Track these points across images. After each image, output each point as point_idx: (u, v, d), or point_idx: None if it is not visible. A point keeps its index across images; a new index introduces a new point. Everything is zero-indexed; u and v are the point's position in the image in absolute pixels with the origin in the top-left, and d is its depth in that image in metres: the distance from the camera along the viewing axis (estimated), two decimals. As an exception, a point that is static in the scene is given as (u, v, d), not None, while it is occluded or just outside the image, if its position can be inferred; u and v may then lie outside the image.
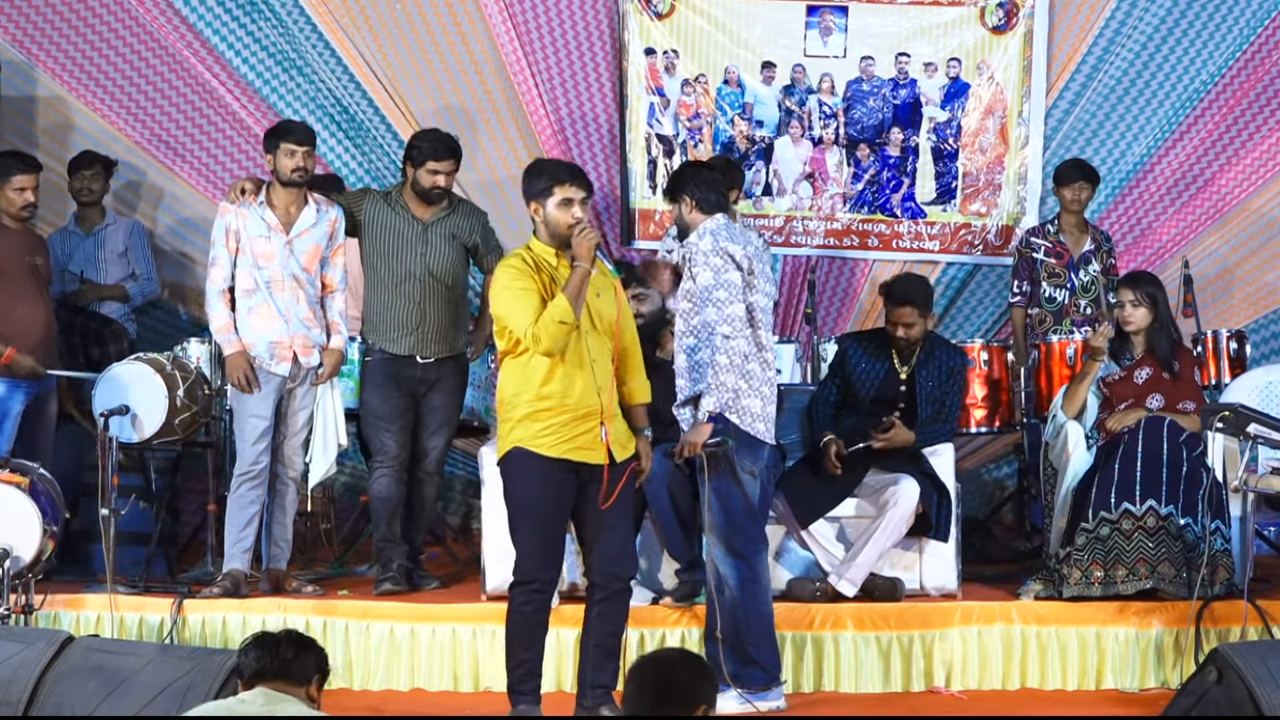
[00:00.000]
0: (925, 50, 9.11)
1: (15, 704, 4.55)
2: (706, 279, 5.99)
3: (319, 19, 8.84)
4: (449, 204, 7.29)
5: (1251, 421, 6.21)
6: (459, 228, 7.26)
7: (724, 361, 5.93)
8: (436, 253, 7.19)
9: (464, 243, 7.27)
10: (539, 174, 5.74)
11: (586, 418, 5.57)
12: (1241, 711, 4.64)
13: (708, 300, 5.97)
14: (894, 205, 9.15)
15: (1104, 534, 6.74)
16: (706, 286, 5.98)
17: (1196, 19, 9.05)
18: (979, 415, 7.87)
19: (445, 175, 7.20)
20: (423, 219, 7.20)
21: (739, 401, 5.97)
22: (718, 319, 5.95)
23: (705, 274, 5.99)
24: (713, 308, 5.96)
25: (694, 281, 6.04)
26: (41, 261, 7.31)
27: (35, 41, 8.72)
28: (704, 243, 6.04)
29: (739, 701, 6.04)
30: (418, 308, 7.14)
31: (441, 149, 7.21)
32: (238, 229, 6.95)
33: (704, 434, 5.93)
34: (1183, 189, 9.17)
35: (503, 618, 5.69)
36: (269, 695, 4.24)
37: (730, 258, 5.99)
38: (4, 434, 7.14)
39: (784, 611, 6.63)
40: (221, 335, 6.97)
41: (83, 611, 6.78)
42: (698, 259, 6.01)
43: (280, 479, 7.07)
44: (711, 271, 5.99)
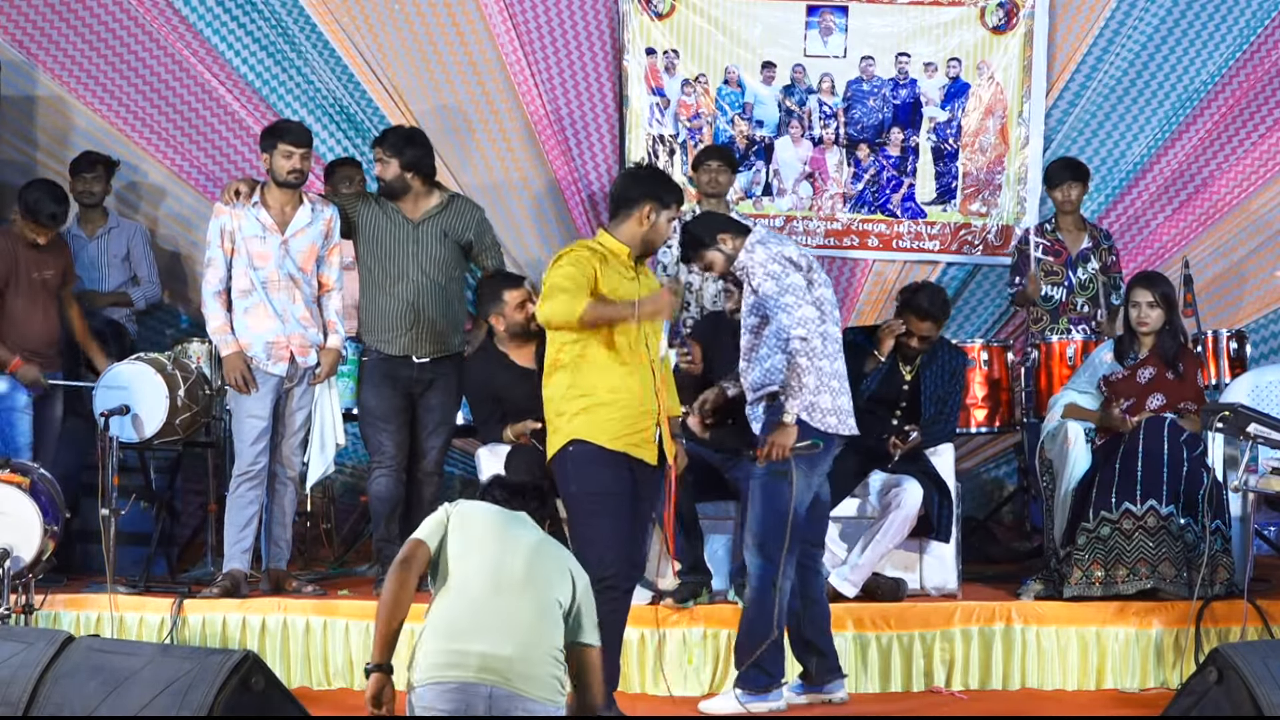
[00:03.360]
0: (925, 50, 9.11)
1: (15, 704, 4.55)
2: (770, 288, 6.01)
3: (318, 18, 8.84)
4: (441, 200, 7.28)
5: (1251, 421, 6.21)
6: (451, 225, 7.24)
7: (804, 364, 5.95)
8: (428, 251, 7.18)
9: (457, 240, 7.26)
10: (671, 185, 5.83)
11: (644, 415, 5.61)
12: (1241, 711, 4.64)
13: (777, 308, 5.98)
14: (894, 205, 9.15)
15: (1104, 534, 6.75)
16: (772, 295, 6.00)
17: (1196, 19, 9.05)
18: (979, 415, 7.88)
19: (380, 164, 7.18)
20: (412, 218, 7.20)
21: (809, 399, 6.01)
22: (790, 323, 5.96)
23: (768, 284, 6.01)
24: (783, 314, 5.98)
25: (756, 294, 6.05)
26: (51, 274, 7.34)
27: (35, 41, 8.71)
28: (757, 254, 6.06)
29: (736, 702, 6.05)
30: (411, 308, 7.14)
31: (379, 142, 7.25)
32: (233, 230, 6.95)
33: (792, 437, 5.94)
34: (1182, 188, 9.17)
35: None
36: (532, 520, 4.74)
37: (789, 261, 6.04)
38: (19, 430, 7.15)
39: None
40: (218, 336, 6.97)
41: (83, 611, 6.79)
42: (755, 271, 6.03)
43: (279, 479, 7.07)
44: (773, 280, 6.01)
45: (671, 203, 5.76)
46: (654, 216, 5.68)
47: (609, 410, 5.55)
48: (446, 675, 4.43)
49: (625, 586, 5.67)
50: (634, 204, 5.68)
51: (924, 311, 6.96)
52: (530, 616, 4.50)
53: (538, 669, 4.45)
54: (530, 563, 4.57)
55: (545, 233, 9.02)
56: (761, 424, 6.09)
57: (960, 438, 7.89)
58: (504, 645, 4.43)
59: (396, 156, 7.16)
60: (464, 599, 4.52)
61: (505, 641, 4.43)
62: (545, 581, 4.56)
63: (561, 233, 9.00)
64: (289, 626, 6.71)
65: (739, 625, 6.14)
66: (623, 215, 5.71)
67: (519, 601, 4.50)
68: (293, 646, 6.69)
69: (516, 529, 4.68)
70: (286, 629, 6.71)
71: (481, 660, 4.41)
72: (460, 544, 4.60)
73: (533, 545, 4.63)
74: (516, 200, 9.01)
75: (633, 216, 5.68)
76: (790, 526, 5.96)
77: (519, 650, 4.43)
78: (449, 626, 4.49)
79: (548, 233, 9.02)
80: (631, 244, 5.69)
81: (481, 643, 4.43)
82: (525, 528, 4.71)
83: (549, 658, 4.49)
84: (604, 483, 5.55)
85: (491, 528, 4.65)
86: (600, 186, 8.99)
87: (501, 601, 4.49)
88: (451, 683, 4.41)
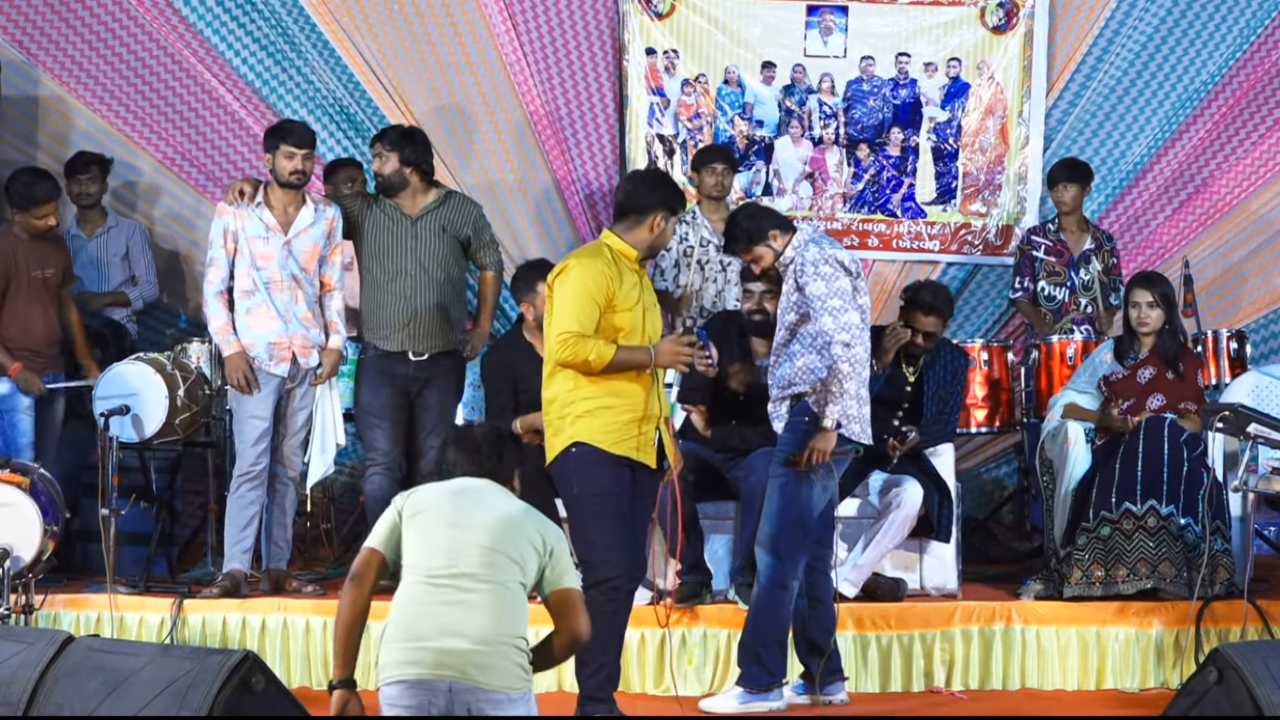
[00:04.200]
0: (925, 50, 9.11)
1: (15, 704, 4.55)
2: (819, 289, 6.00)
3: (318, 18, 8.84)
4: (439, 196, 7.28)
5: (1251, 421, 6.21)
6: (450, 220, 7.25)
7: (846, 370, 5.95)
8: (427, 247, 7.19)
9: (456, 236, 7.26)
10: (680, 192, 5.84)
11: (645, 420, 5.62)
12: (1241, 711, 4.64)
13: (823, 309, 5.98)
14: (894, 205, 9.15)
15: (1105, 534, 6.75)
16: (820, 295, 5.99)
17: (1196, 19, 9.05)
18: (979, 415, 7.87)
19: (379, 159, 7.20)
20: (411, 214, 7.21)
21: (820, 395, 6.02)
22: (835, 328, 5.96)
23: (817, 284, 6.00)
24: (828, 316, 5.97)
25: (801, 292, 6.05)
26: (51, 273, 7.32)
27: (35, 41, 8.71)
28: (810, 252, 6.06)
29: (737, 701, 6.05)
30: (408, 304, 7.15)
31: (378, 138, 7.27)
32: (236, 230, 6.95)
33: (833, 442, 5.95)
34: (1182, 188, 9.17)
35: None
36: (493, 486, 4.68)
37: (839, 264, 6.05)
38: (20, 430, 7.15)
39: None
40: (220, 336, 6.97)
41: (83, 611, 6.79)
42: (807, 269, 6.02)
43: (279, 479, 7.07)
44: (823, 281, 6.00)
45: (679, 209, 5.81)
46: (663, 224, 5.70)
47: (612, 413, 5.55)
48: (407, 673, 4.46)
49: (628, 588, 5.67)
50: (647, 211, 5.69)
51: (928, 306, 6.96)
52: (487, 609, 4.47)
53: (496, 660, 4.45)
54: (487, 549, 4.52)
55: (545, 233, 9.02)
56: (785, 424, 6.09)
57: (960, 438, 7.89)
58: (460, 639, 4.43)
59: (396, 151, 7.19)
60: (420, 594, 4.53)
61: (461, 636, 4.44)
62: (504, 564, 4.51)
63: (561, 233, 9.01)
64: (289, 626, 6.71)
65: (745, 623, 6.15)
66: (633, 220, 5.71)
67: (475, 595, 4.48)
68: (293, 646, 6.69)
69: (472, 509, 4.60)
70: (286, 629, 6.71)
71: (438, 656, 4.43)
72: (415, 538, 4.58)
73: (490, 526, 4.55)
74: (516, 200, 9.01)
75: (644, 223, 5.69)
76: (806, 529, 6.00)
77: (476, 644, 4.43)
78: (407, 623, 4.51)
79: (547, 233, 9.02)
80: (639, 248, 5.70)
81: (438, 638, 4.44)
82: (482, 503, 4.63)
83: (509, 648, 4.48)
84: (606, 484, 5.55)
85: (444, 516, 4.58)
86: (600, 187, 8.98)
87: (458, 595, 4.48)
88: (411, 679, 4.45)
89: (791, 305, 6.09)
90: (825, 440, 5.95)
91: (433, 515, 4.60)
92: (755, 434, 6.80)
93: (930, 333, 7.00)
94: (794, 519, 6.00)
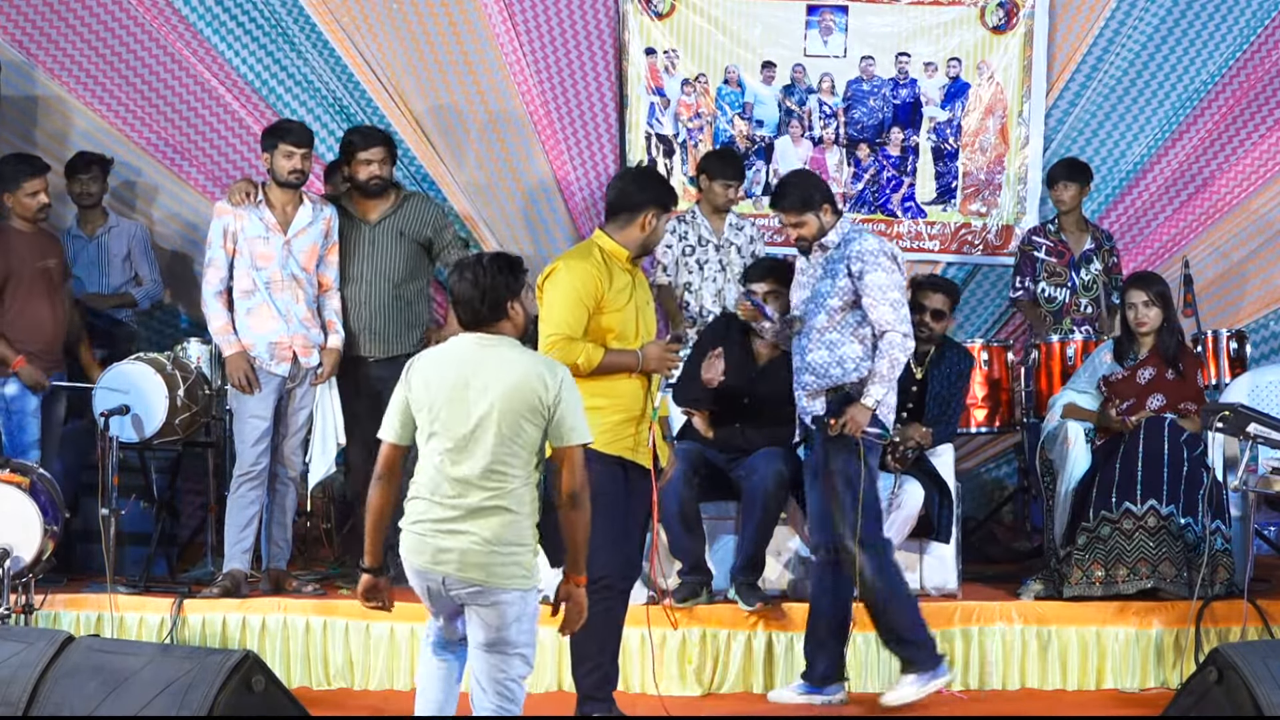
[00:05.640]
0: (925, 50, 9.11)
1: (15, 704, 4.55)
2: (880, 279, 6.04)
3: (318, 18, 8.84)
4: (396, 200, 7.28)
5: (1251, 421, 6.21)
6: (408, 224, 7.26)
7: (899, 357, 6.02)
8: (384, 253, 7.22)
9: (415, 239, 7.26)
10: (671, 189, 5.84)
11: (638, 420, 5.62)
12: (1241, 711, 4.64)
13: (883, 301, 6.02)
14: (894, 205, 9.15)
15: (1105, 534, 6.75)
16: (882, 286, 6.03)
17: (1196, 19, 9.05)
18: (979, 415, 7.87)
19: (378, 164, 7.20)
20: (369, 219, 7.22)
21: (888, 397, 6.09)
22: (894, 320, 6.02)
23: (878, 274, 6.04)
24: (889, 308, 6.02)
25: (854, 279, 6.05)
26: (55, 263, 7.31)
27: (35, 41, 8.71)
28: (868, 242, 6.10)
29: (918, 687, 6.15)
30: (363, 309, 7.19)
31: (369, 138, 7.27)
32: (235, 230, 6.95)
33: (868, 419, 6.01)
34: (1182, 188, 9.17)
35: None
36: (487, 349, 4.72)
37: (894, 259, 6.09)
38: (28, 432, 7.15)
39: (786, 611, 6.64)
40: (220, 336, 6.98)
41: (83, 611, 6.80)
42: (867, 257, 6.04)
43: (280, 479, 7.08)
44: (884, 272, 6.06)
45: (672, 206, 5.80)
46: (655, 222, 5.69)
47: (604, 414, 5.55)
48: (413, 560, 4.72)
49: (621, 587, 5.67)
50: (638, 209, 5.67)
51: (935, 283, 6.95)
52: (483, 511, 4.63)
53: (490, 559, 4.62)
54: (488, 430, 4.62)
55: (544, 233, 9.02)
56: (827, 407, 6.09)
57: (960, 438, 7.89)
58: (456, 539, 4.63)
59: (391, 158, 7.25)
60: (425, 485, 4.72)
61: (457, 535, 4.63)
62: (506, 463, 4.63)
63: (561, 233, 9.00)
64: (289, 626, 6.71)
65: (882, 621, 6.16)
66: (624, 219, 5.69)
67: (473, 492, 4.63)
68: (293, 646, 6.69)
69: (469, 385, 4.66)
70: (286, 629, 6.71)
71: (435, 554, 4.66)
72: (424, 421, 4.72)
73: (491, 403, 4.63)
74: (515, 200, 9.01)
75: (636, 222, 5.68)
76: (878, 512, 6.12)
77: (471, 542, 4.62)
78: (414, 511, 4.73)
79: (547, 233, 9.02)
80: (630, 247, 5.68)
81: (436, 535, 4.66)
82: (481, 375, 4.68)
83: (509, 547, 4.64)
84: (599, 483, 5.53)
85: (444, 397, 4.67)
86: (600, 187, 8.98)
87: (456, 488, 4.65)
88: (416, 565, 4.71)
89: (838, 291, 6.09)
90: (862, 415, 6.00)
91: (438, 396, 4.68)
92: (759, 435, 6.81)
93: (939, 310, 6.98)
94: (869, 508, 6.07)
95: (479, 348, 4.73)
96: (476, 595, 4.64)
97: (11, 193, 7.18)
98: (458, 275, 4.80)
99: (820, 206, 6.14)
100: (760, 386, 6.87)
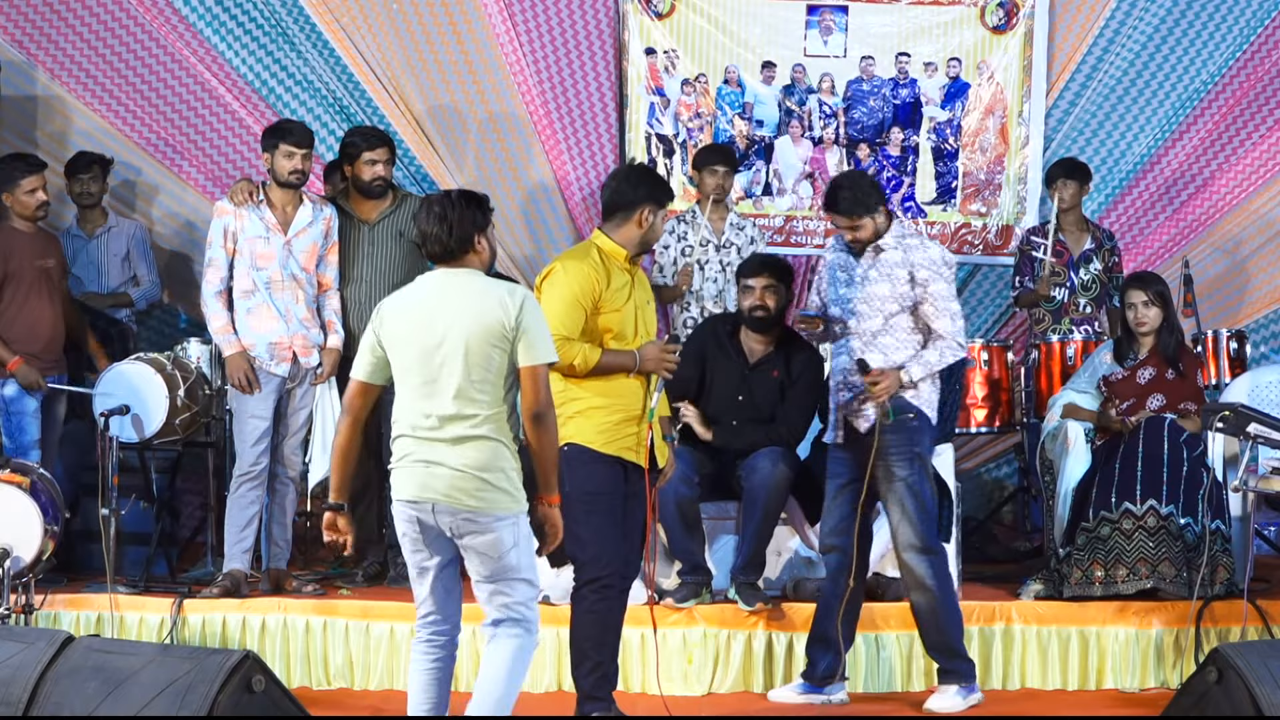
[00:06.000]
0: (925, 50, 9.11)
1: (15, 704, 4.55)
2: (943, 289, 6.08)
3: (318, 18, 8.84)
4: (394, 201, 7.30)
5: (1251, 421, 6.21)
6: (406, 224, 7.26)
7: (949, 359, 6.06)
8: (383, 253, 7.23)
9: (412, 239, 7.27)
10: (666, 185, 5.83)
11: (635, 420, 5.61)
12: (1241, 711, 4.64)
13: (945, 311, 6.06)
14: (894, 205, 9.14)
15: (1104, 534, 6.75)
16: (944, 296, 6.07)
17: (1196, 19, 9.05)
18: (979, 415, 7.86)
19: (383, 164, 7.22)
20: (368, 220, 7.24)
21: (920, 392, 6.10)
22: (954, 331, 6.07)
23: (940, 284, 6.07)
24: (949, 319, 6.07)
25: (915, 286, 6.05)
26: (53, 263, 7.31)
27: (35, 41, 8.71)
28: (931, 251, 6.12)
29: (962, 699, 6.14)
30: (362, 309, 7.16)
31: (372, 139, 7.29)
32: (235, 230, 6.96)
33: (896, 385, 6.01)
34: (1182, 188, 9.17)
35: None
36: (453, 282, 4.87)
37: (952, 267, 6.14)
38: (28, 432, 7.15)
39: (786, 611, 6.64)
40: (220, 336, 6.98)
41: (83, 611, 6.80)
42: (931, 266, 6.06)
43: (279, 479, 7.08)
44: (946, 283, 6.10)
45: (667, 202, 5.78)
46: (651, 218, 5.67)
47: (603, 414, 5.55)
48: (402, 493, 4.85)
49: (621, 586, 5.66)
50: (633, 207, 5.66)
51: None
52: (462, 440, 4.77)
53: (477, 485, 4.77)
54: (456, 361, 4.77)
55: (544, 233, 9.02)
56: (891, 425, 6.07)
57: (960, 438, 7.88)
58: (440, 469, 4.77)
59: (393, 159, 7.31)
60: (404, 422, 4.85)
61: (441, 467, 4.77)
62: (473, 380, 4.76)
63: (561, 233, 9.01)
64: (289, 626, 6.71)
65: (932, 626, 6.15)
66: (620, 218, 5.69)
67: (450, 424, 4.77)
68: (293, 646, 6.69)
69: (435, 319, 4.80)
70: (286, 629, 6.71)
71: (422, 484, 4.79)
72: (396, 359, 4.86)
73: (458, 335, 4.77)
74: (515, 200, 9.01)
75: (631, 219, 5.67)
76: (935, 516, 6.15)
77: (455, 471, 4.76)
78: (399, 449, 4.87)
79: (547, 233, 9.02)
80: (628, 246, 5.67)
81: (421, 466, 4.80)
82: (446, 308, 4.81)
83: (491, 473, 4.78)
84: (598, 483, 5.56)
85: (413, 334, 4.81)
86: (599, 187, 8.98)
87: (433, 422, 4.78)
88: (405, 497, 4.84)
89: (898, 296, 6.08)
90: (894, 380, 6.00)
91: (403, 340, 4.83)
92: (758, 432, 6.80)
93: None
94: (930, 513, 6.11)
95: (444, 282, 4.88)
96: (469, 525, 4.77)
97: (10, 192, 7.18)
98: (425, 211, 4.91)
99: (876, 209, 6.13)
100: (755, 384, 6.86)
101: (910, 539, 6.08)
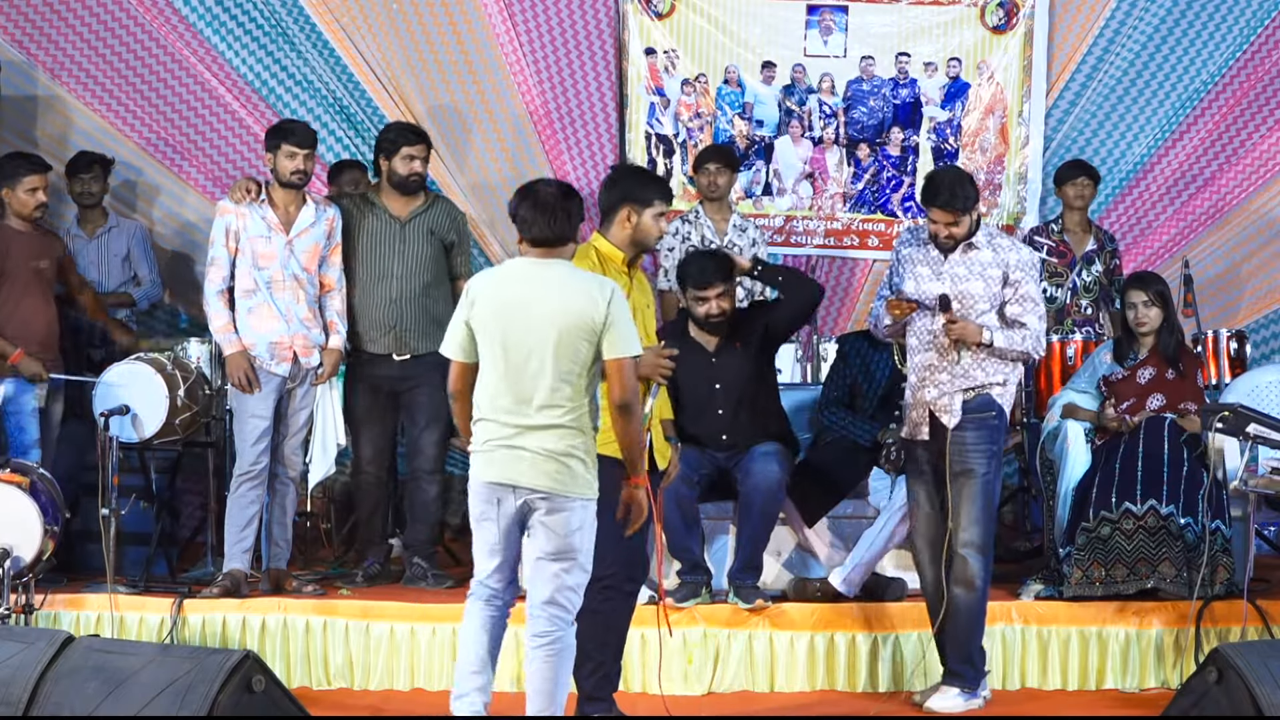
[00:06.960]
0: (925, 50, 9.12)
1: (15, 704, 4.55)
2: (1034, 291, 6.10)
3: (318, 18, 8.85)
4: (426, 200, 7.31)
5: (1251, 421, 6.21)
6: (438, 224, 7.28)
7: (1028, 349, 6.06)
8: (414, 250, 7.22)
9: (442, 239, 7.30)
10: (647, 181, 5.83)
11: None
12: (1241, 711, 4.64)
13: (1034, 311, 6.08)
14: (894, 205, 9.15)
15: (1105, 534, 6.75)
16: (1036, 298, 6.10)
17: (1196, 19, 9.05)
18: (979, 415, 7.85)
19: (420, 160, 7.22)
20: (400, 216, 7.24)
21: (1006, 390, 6.12)
22: (1040, 330, 6.10)
23: (1032, 286, 6.09)
24: (1037, 320, 6.08)
25: (1008, 287, 6.04)
26: (47, 264, 7.31)
27: (35, 41, 8.72)
28: (1025, 253, 6.14)
29: (964, 702, 6.12)
30: (394, 306, 7.17)
31: (410, 134, 7.30)
32: (237, 229, 6.96)
33: (976, 336, 5.98)
34: (1183, 188, 9.17)
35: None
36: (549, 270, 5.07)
37: (1040, 270, 6.10)
38: (28, 432, 7.15)
39: (786, 611, 6.64)
40: (221, 335, 6.98)
41: (83, 611, 6.79)
42: (1026, 269, 6.08)
43: (280, 479, 7.08)
44: (1035, 285, 6.12)
45: (652, 199, 5.66)
46: (634, 218, 5.63)
47: (603, 417, 5.54)
48: (483, 475, 5.05)
49: (626, 588, 5.66)
50: (614, 209, 5.66)
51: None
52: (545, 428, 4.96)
53: (558, 469, 4.97)
54: (546, 351, 4.93)
55: (545, 233, 9.01)
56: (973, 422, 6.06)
57: (960, 438, 7.86)
58: (523, 454, 4.96)
59: (429, 156, 7.33)
60: (486, 406, 5.03)
61: (523, 451, 4.96)
62: (560, 370, 4.94)
63: (561, 233, 8.99)
64: (289, 626, 6.71)
65: (954, 623, 6.12)
66: (607, 221, 5.69)
67: (534, 410, 4.95)
68: (293, 646, 6.69)
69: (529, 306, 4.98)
70: (286, 629, 6.71)
71: (504, 467, 4.98)
72: (484, 340, 5.03)
73: (550, 325, 4.94)
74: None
75: (615, 221, 5.66)
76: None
77: (537, 455, 4.95)
78: (481, 433, 5.07)
79: (548, 233, 9.01)
80: (621, 247, 5.66)
81: (504, 450, 4.99)
82: (540, 296, 4.99)
83: (568, 458, 4.97)
84: (602, 485, 5.55)
85: (497, 329, 4.99)
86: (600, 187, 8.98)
87: (518, 406, 4.97)
88: (486, 479, 5.04)
89: (989, 295, 6.05)
90: (974, 331, 5.98)
91: (491, 327, 5.01)
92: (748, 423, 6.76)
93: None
94: (994, 516, 6.13)
95: (538, 269, 5.06)
96: (544, 502, 4.96)
97: (10, 188, 7.18)
98: (525, 196, 5.10)
99: (974, 207, 6.12)
100: (722, 372, 6.79)
101: (973, 537, 6.05)
